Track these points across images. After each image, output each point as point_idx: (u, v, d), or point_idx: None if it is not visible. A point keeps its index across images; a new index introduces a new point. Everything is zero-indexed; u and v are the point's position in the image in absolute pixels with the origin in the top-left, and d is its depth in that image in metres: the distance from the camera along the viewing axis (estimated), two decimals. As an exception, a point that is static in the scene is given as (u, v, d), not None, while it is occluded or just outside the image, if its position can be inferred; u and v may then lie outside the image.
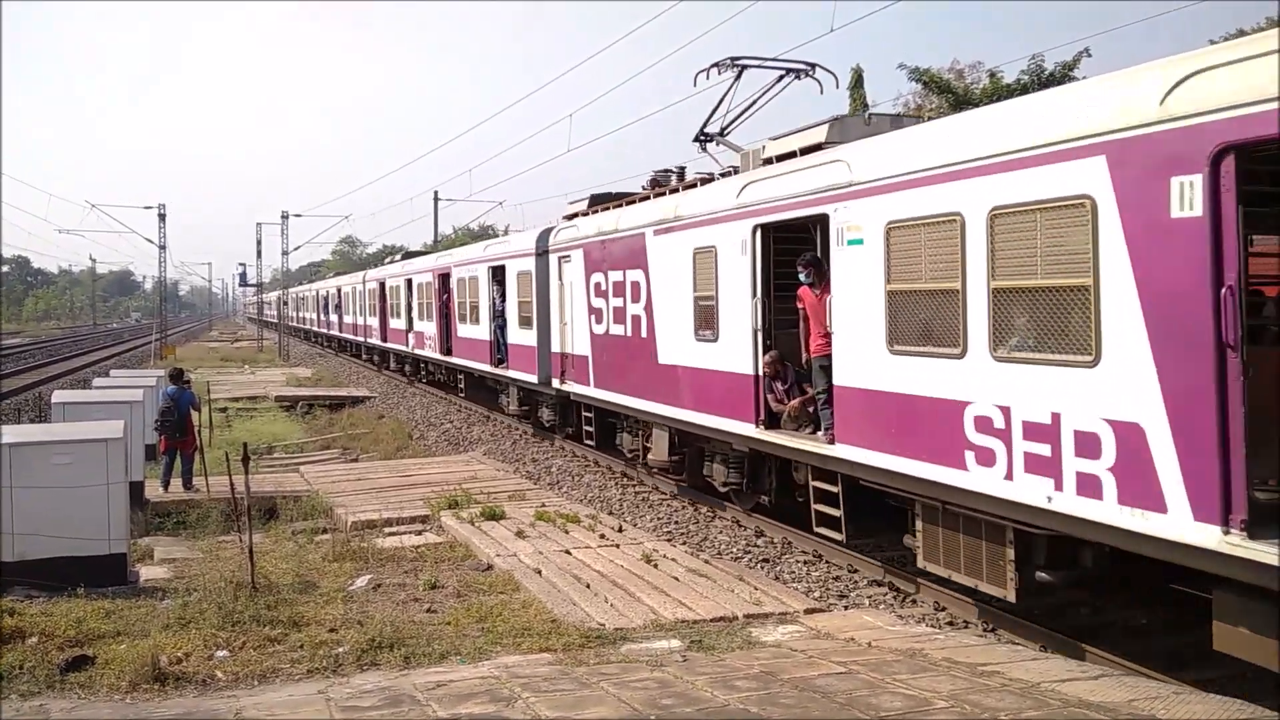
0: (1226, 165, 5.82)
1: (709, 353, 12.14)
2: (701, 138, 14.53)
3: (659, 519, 13.43)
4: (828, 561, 10.91)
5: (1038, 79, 24.86)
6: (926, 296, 8.35)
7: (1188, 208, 6.02)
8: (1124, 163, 6.45)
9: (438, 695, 6.29)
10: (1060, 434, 6.97)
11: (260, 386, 32.97)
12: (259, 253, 63.11)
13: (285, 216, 56.48)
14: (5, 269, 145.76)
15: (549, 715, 5.85)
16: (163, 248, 51.17)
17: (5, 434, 9.83)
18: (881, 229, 8.76)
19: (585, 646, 7.57)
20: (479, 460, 18.40)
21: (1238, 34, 21.33)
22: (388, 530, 12.31)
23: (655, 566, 10.10)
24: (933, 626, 8.72)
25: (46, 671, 6.98)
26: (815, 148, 10.63)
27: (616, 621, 8.28)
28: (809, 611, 8.70)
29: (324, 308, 55.45)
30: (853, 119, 11.01)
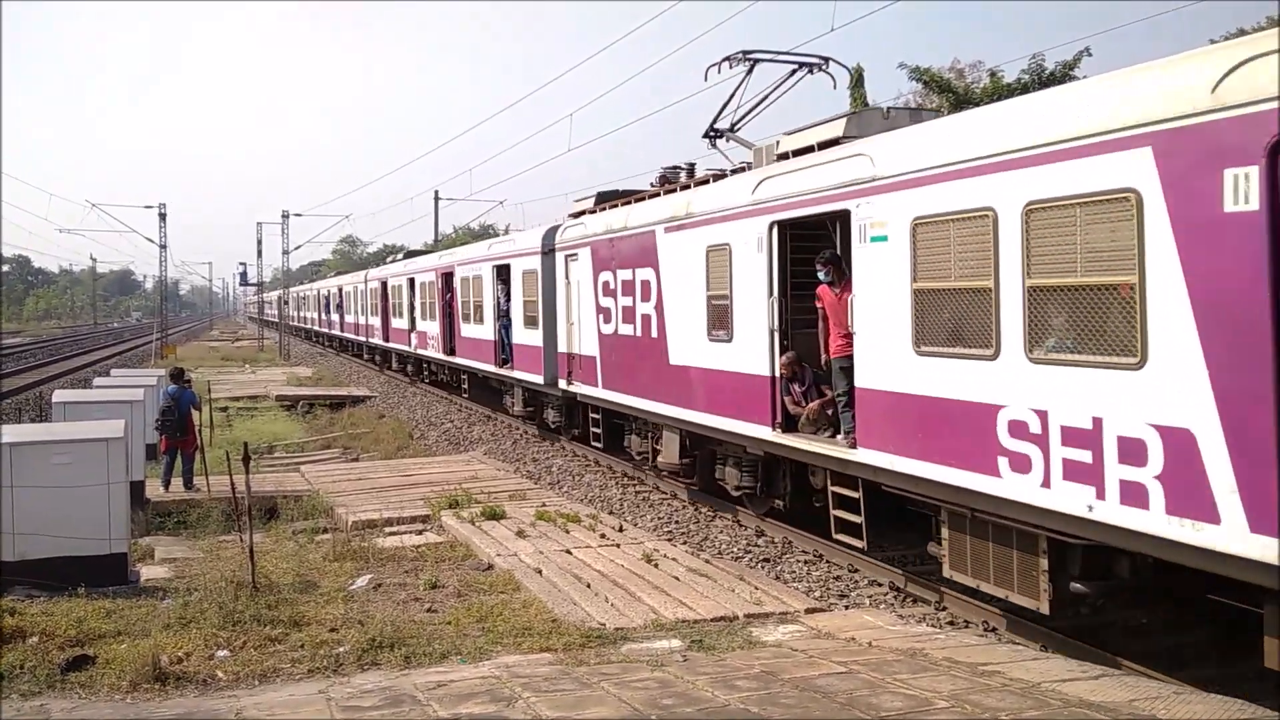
0: None
1: (723, 353, 11.84)
2: (711, 134, 14.16)
3: (659, 519, 13.43)
4: (828, 561, 10.91)
5: (1038, 79, 24.82)
6: (956, 295, 8.00)
7: (1242, 201, 5.74)
8: (1173, 154, 6.13)
9: (438, 695, 6.29)
10: (1103, 440, 6.63)
11: (261, 386, 32.99)
12: (259, 252, 63.23)
13: (285, 216, 56.57)
14: (6, 268, 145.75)
15: (549, 715, 5.85)
16: (163, 247, 51.15)
17: (6, 434, 9.83)
18: (907, 225, 8.44)
19: (586, 646, 7.58)
20: (479, 460, 18.41)
21: (1238, 33, 21.33)
22: (388, 530, 12.31)
23: (656, 566, 10.10)
24: (933, 626, 8.72)
25: (47, 671, 6.99)
26: (833, 142, 10.32)
27: (617, 621, 8.28)
28: (809, 611, 8.71)
29: (325, 307, 55.41)
30: (871, 112, 10.68)
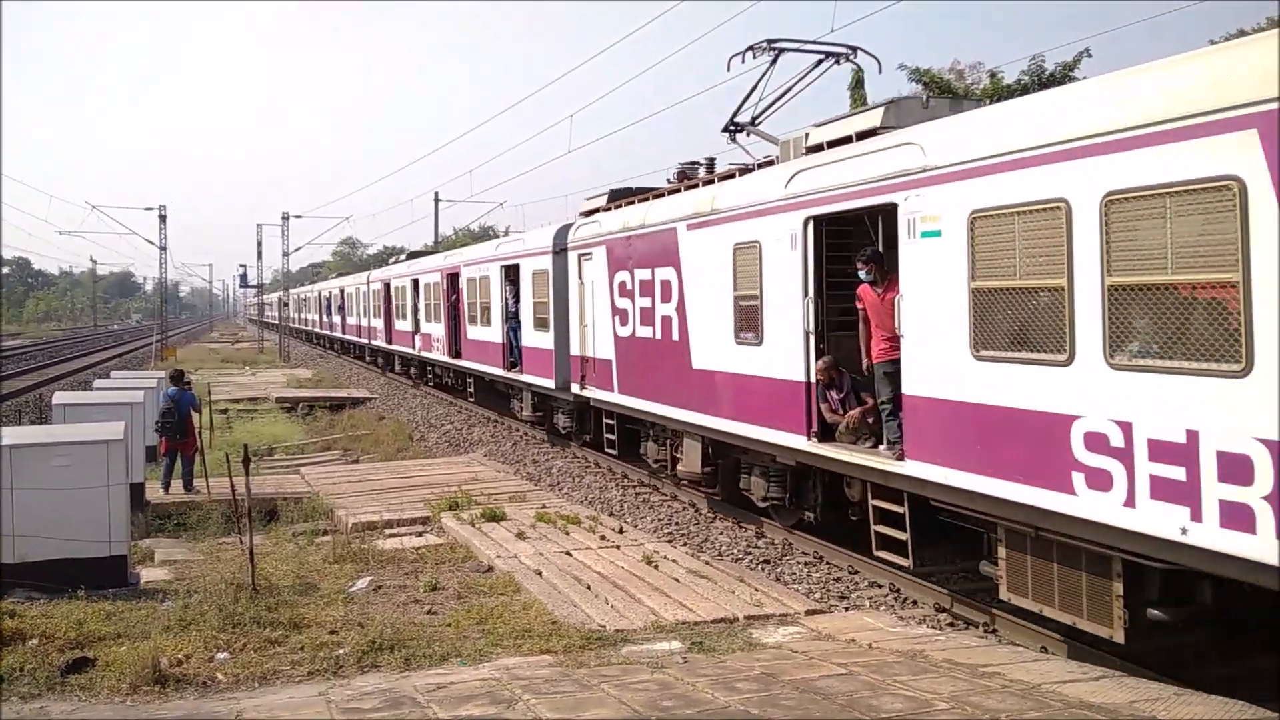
0: None
1: (751, 357, 11.21)
2: (731, 127, 13.51)
3: (659, 520, 13.43)
4: (828, 563, 10.90)
5: (1038, 79, 24.86)
6: (1022, 295, 7.36)
7: None
8: None
9: (438, 697, 6.29)
10: (1199, 455, 6.02)
11: (261, 388, 32.99)
12: (259, 254, 63.38)
13: (286, 218, 56.65)
14: (6, 270, 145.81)
15: (549, 717, 5.85)
16: (163, 249, 51.20)
17: (6, 436, 9.84)
18: (964, 219, 7.81)
19: (586, 648, 7.57)
20: (479, 462, 18.40)
21: (1238, 34, 21.34)
22: (388, 532, 12.31)
23: (656, 568, 10.09)
24: (934, 628, 8.72)
25: (47, 673, 7.00)
26: (870, 132, 9.71)
27: (617, 623, 8.28)
28: (810, 613, 8.70)
29: (327, 309, 55.35)
30: (909, 101, 10.15)
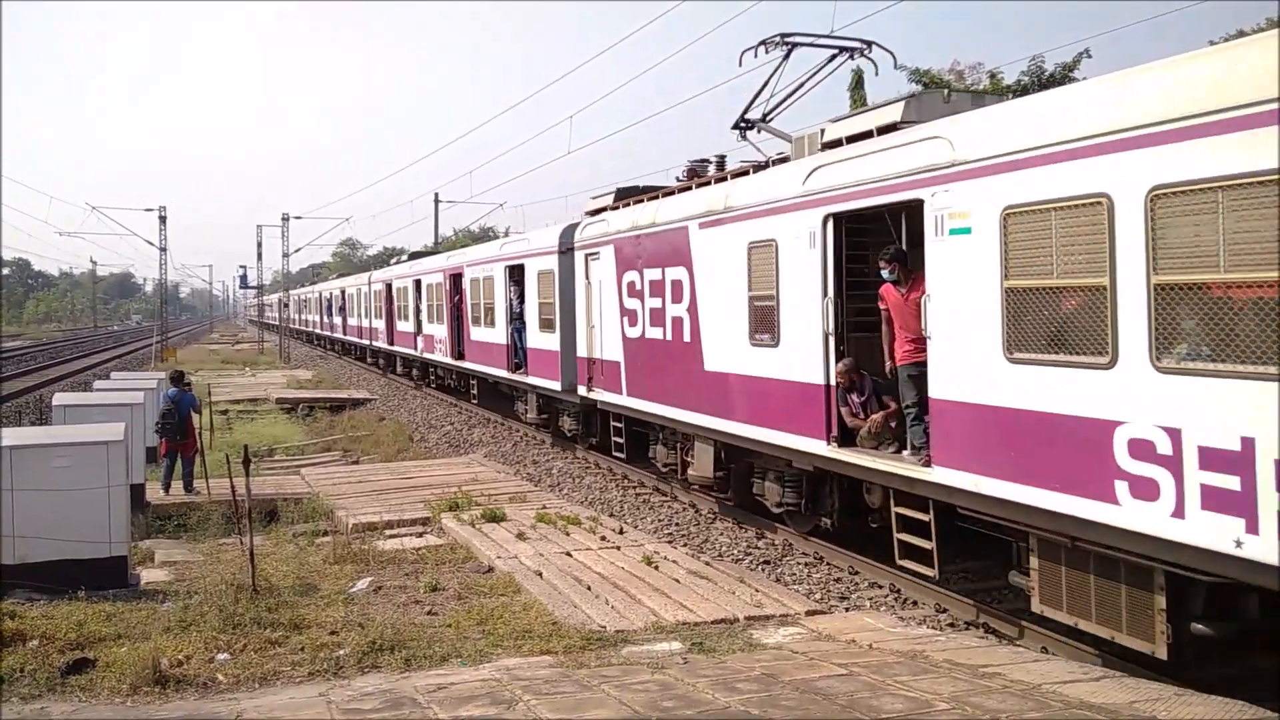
0: None
1: (767, 359, 10.91)
2: (742, 124, 13.25)
3: (660, 521, 13.43)
4: (829, 564, 10.90)
5: (1038, 80, 24.88)
6: (1059, 294, 7.07)
7: None
8: None
9: (439, 698, 6.30)
10: (1255, 464, 5.72)
11: (261, 389, 32.98)
12: (259, 255, 63.38)
13: (286, 219, 56.63)
14: (6, 271, 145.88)
15: (550, 717, 5.85)
16: (163, 250, 51.19)
17: (6, 437, 9.85)
18: (996, 215, 7.51)
19: (586, 649, 7.58)
20: (480, 462, 18.40)
21: (1238, 34, 21.35)
22: (388, 533, 12.31)
23: (656, 568, 10.09)
24: (934, 628, 8.72)
25: (47, 674, 7.00)
26: (891, 127, 9.46)
27: (617, 624, 8.28)
28: (810, 613, 8.71)
29: (328, 310, 55.25)
30: (930, 95, 9.98)
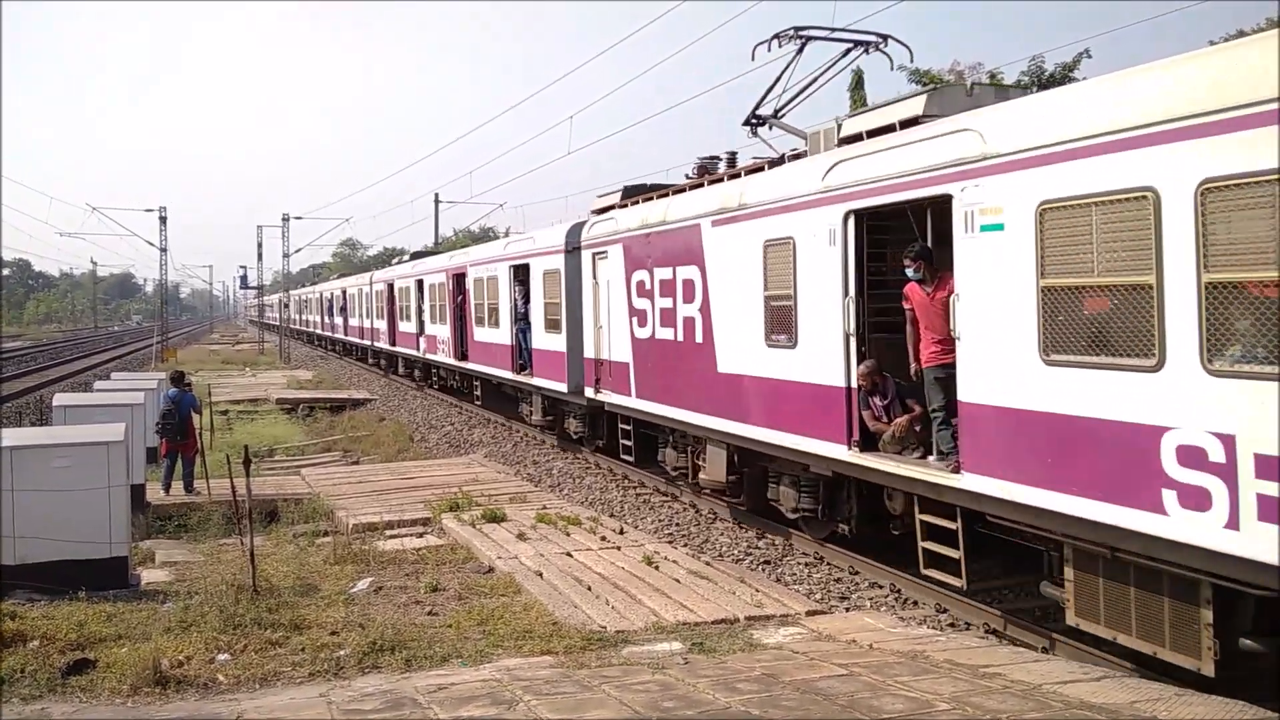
0: None
1: (784, 361, 10.61)
2: (753, 120, 13.00)
3: (660, 521, 13.43)
4: (829, 564, 10.90)
5: (1038, 80, 24.89)
6: (1101, 293, 6.78)
7: None
8: None
9: (439, 698, 6.30)
10: None
11: (261, 389, 32.98)
12: (260, 255, 63.39)
13: (286, 219, 56.69)
14: (6, 272, 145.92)
15: (550, 718, 5.85)
16: (164, 250, 51.20)
17: (6, 437, 9.85)
18: (1031, 210, 7.23)
19: (586, 649, 7.58)
20: (480, 463, 18.40)
21: (1237, 34, 21.35)
22: (389, 533, 12.31)
23: (656, 569, 10.09)
24: (934, 628, 8.72)
25: (48, 675, 7.00)
26: (912, 121, 9.22)
27: (618, 624, 8.28)
28: (810, 613, 8.71)
29: (329, 310, 55.13)
30: (953, 89, 9.69)
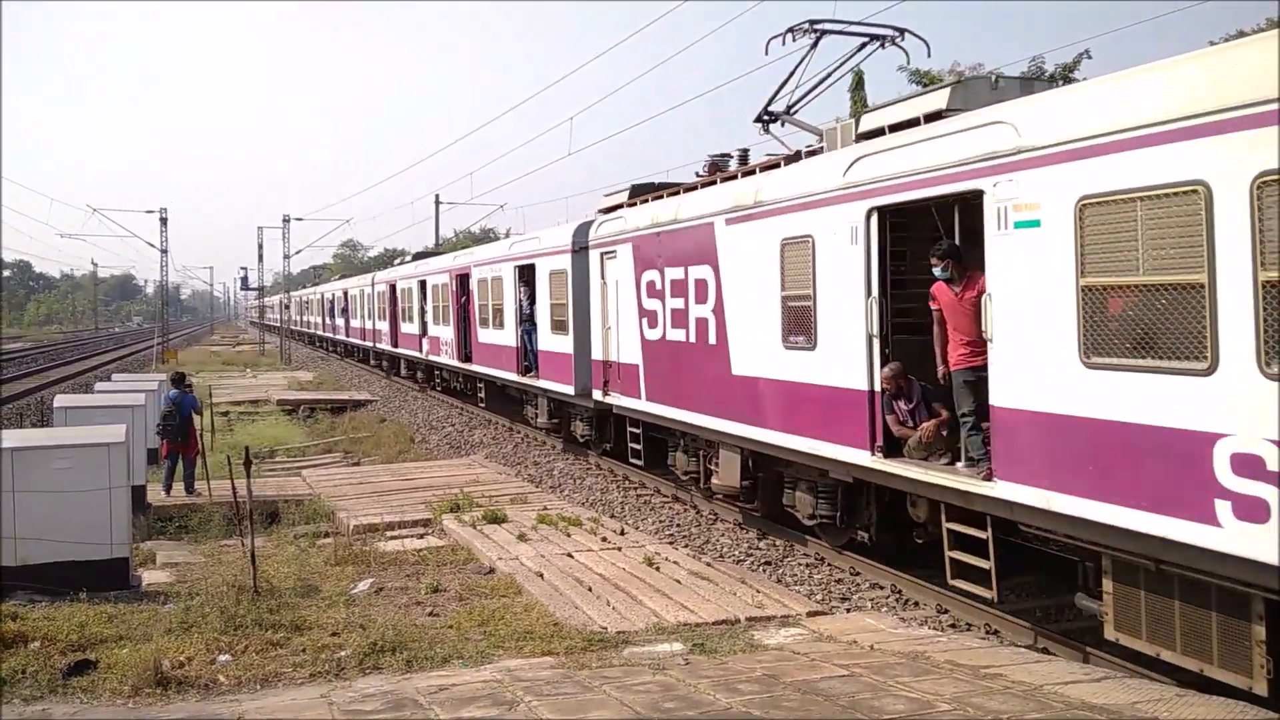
0: None
1: (803, 363, 10.30)
2: (765, 117, 12.75)
3: (661, 522, 13.43)
4: (830, 564, 10.90)
5: (1038, 81, 24.89)
6: (1147, 293, 6.44)
7: None
8: None
9: (440, 699, 6.30)
10: None
11: (262, 390, 32.98)
12: (260, 256, 63.44)
13: (286, 220, 56.72)
14: (7, 273, 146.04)
15: (551, 718, 5.85)
16: (164, 252, 51.24)
17: (7, 438, 9.85)
18: (1071, 206, 6.92)
19: (587, 650, 7.58)
20: (480, 464, 18.40)
21: (1237, 35, 21.35)
22: (389, 534, 12.31)
23: (657, 569, 10.09)
24: (935, 629, 8.72)
25: (49, 676, 7.00)
26: (936, 115, 8.92)
27: (618, 625, 8.28)
28: (811, 614, 8.71)
29: (330, 311, 55.05)
30: (977, 82, 9.44)
